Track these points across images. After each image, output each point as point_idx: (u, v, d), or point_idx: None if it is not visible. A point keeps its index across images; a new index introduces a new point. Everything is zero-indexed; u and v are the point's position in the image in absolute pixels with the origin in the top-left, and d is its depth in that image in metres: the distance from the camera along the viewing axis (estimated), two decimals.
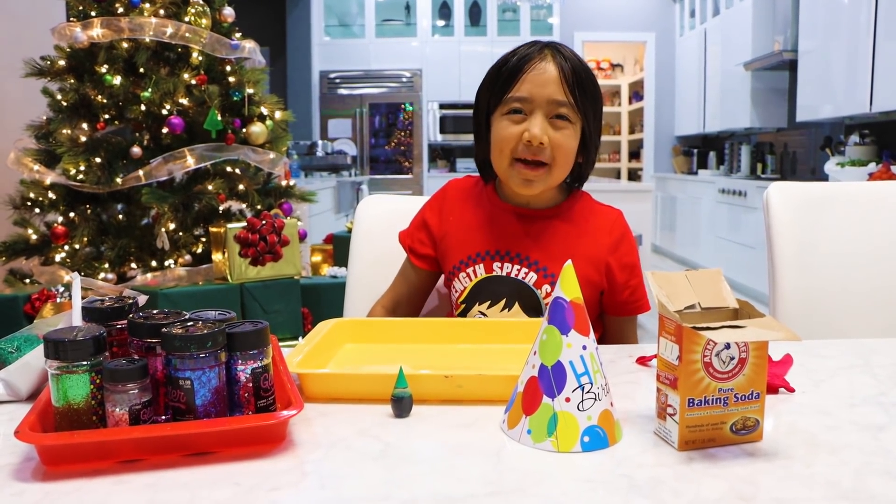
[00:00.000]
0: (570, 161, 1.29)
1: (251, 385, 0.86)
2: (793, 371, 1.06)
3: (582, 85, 1.26)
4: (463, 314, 1.37)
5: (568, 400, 0.79)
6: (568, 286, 0.81)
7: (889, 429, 0.85)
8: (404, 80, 8.86)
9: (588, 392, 0.79)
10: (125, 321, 0.92)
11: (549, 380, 0.80)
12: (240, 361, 0.85)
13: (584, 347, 0.80)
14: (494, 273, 1.35)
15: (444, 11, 8.89)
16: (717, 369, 0.79)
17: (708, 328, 0.77)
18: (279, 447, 0.81)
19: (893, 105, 4.36)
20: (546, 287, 1.32)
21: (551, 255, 1.33)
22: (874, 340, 1.25)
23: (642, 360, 1.12)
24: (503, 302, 1.34)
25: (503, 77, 1.28)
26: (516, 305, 1.33)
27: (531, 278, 1.32)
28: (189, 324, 0.84)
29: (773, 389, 0.98)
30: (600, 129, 1.34)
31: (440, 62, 8.77)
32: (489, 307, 1.35)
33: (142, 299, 1.04)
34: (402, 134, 8.86)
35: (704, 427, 0.79)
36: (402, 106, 8.82)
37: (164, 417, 0.85)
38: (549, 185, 1.30)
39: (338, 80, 8.87)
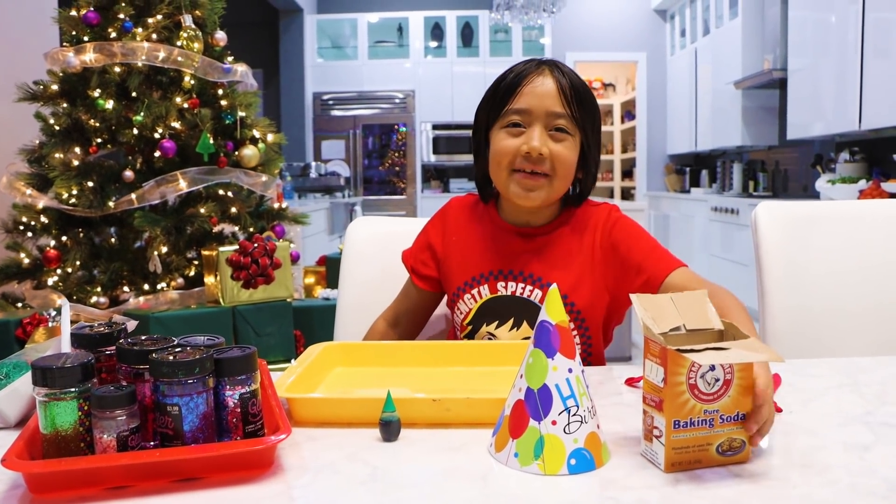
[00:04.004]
0: (570, 173, 1.29)
1: (239, 410, 0.86)
2: (781, 391, 1.06)
3: (580, 99, 1.27)
4: (470, 336, 1.38)
5: (554, 423, 0.79)
6: (553, 309, 0.82)
7: (875, 448, 0.86)
8: (397, 101, 8.89)
9: (574, 415, 0.80)
10: (114, 347, 0.92)
11: (536, 403, 0.80)
12: (228, 387, 0.85)
13: (570, 370, 0.81)
14: (499, 293, 1.35)
15: (437, 33, 8.94)
16: (702, 391, 0.79)
17: (692, 350, 0.78)
18: (267, 472, 0.81)
19: (882, 122, 4.39)
20: None
21: (554, 270, 1.32)
22: (862, 359, 1.25)
23: (631, 382, 1.13)
24: (511, 321, 1.34)
25: (501, 92, 1.29)
26: (524, 324, 1.33)
27: (536, 295, 1.32)
28: (177, 350, 0.84)
29: None
30: (599, 145, 1.34)
31: (433, 83, 8.80)
32: (497, 327, 1.35)
33: (131, 325, 1.04)
34: (396, 155, 8.89)
35: (690, 449, 0.80)
36: (396, 127, 8.85)
37: (152, 444, 0.85)
38: (549, 198, 1.29)
39: (331, 102, 8.90)
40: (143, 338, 0.91)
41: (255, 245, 2.79)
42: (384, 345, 1.30)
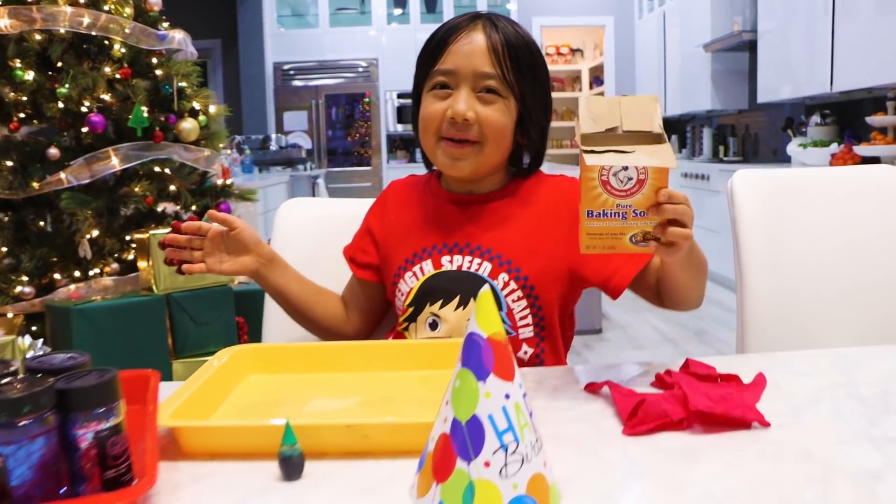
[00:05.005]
0: (502, 139, 1.17)
1: (95, 452, 0.68)
2: (767, 395, 0.90)
3: (515, 57, 1.15)
4: (411, 319, 1.21)
5: (487, 464, 0.62)
6: (484, 318, 0.64)
7: (887, 478, 0.69)
8: (360, 69, 8.64)
9: (513, 453, 0.62)
10: None
11: (464, 439, 0.62)
12: (79, 424, 0.67)
13: (507, 396, 0.63)
14: (444, 268, 1.20)
15: None
16: (614, 187, 0.87)
17: (592, 151, 0.87)
18: None
19: (853, 85, 4.27)
20: (503, 276, 1.16)
21: (503, 241, 1.18)
22: (857, 350, 1.09)
23: (592, 388, 0.96)
24: (457, 299, 1.18)
25: (430, 49, 1.19)
26: (472, 302, 1.17)
27: (485, 269, 1.17)
28: (5, 381, 0.66)
29: (745, 424, 0.82)
30: (547, 107, 1.21)
31: (397, 51, 8.54)
32: (441, 307, 1.19)
33: None
34: (361, 125, 8.64)
35: (604, 235, 0.89)
36: (362, 97, 8.59)
37: None
38: (480, 166, 1.17)
39: (292, 72, 8.62)
40: None
41: None
42: (307, 347, 1.12)
